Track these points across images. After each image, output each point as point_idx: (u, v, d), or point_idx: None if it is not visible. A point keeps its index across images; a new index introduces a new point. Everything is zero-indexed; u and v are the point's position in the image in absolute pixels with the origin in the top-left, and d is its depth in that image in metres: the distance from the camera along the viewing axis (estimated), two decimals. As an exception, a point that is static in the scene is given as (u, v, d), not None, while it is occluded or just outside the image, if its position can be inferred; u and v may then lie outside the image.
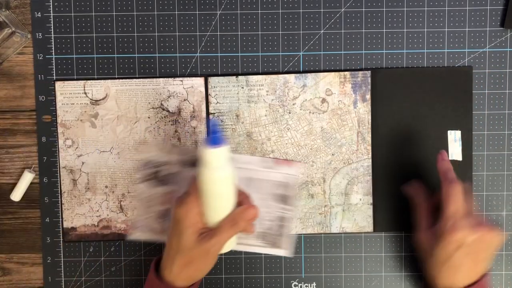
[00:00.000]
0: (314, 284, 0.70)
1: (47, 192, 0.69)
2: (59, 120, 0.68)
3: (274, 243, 0.68)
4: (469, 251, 0.58)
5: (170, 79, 0.68)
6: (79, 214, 0.69)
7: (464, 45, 0.68)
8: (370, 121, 0.68)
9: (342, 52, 0.68)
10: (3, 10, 0.65)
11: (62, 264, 0.69)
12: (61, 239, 0.69)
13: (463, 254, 0.58)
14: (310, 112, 0.68)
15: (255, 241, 0.68)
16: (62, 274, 0.69)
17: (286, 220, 0.68)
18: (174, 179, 0.68)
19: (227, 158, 0.56)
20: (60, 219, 0.69)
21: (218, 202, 0.58)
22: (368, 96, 0.68)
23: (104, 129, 0.68)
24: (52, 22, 0.68)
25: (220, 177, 0.56)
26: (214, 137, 0.55)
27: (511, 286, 0.70)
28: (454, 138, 0.68)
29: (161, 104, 0.68)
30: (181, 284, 0.59)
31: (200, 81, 0.68)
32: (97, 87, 0.68)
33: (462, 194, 0.60)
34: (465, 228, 0.58)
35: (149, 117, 0.68)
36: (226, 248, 0.61)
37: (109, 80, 0.68)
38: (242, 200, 0.60)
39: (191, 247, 0.57)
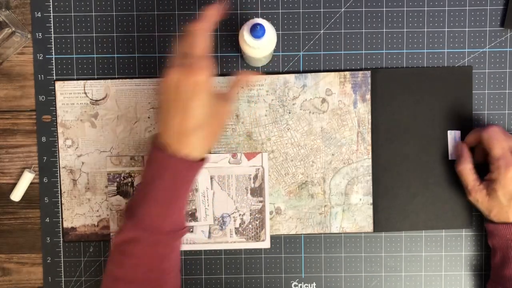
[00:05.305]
0: (314, 284, 0.70)
1: (47, 192, 0.69)
2: (59, 120, 0.68)
3: (254, 236, 0.68)
4: None
5: (170, 79, 0.68)
6: (79, 214, 0.69)
7: (464, 45, 0.68)
8: (370, 121, 0.68)
9: (342, 52, 0.68)
10: (3, 10, 0.65)
11: (62, 264, 0.69)
12: (61, 239, 0.69)
13: None
14: (310, 112, 0.68)
15: (236, 237, 0.68)
16: (62, 274, 0.69)
17: (263, 212, 0.68)
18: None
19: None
20: (60, 219, 0.69)
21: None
22: (368, 96, 0.68)
23: (104, 129, 0.68)
24: (52, 22, 0.68)
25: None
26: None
27: None
28: (454, 138, 0.68)
29: (161, 104, 0.68)
30: (197, 156, 0.57)
31: (200, 81, 0.68)
32: (97, 87, 0.68)
33: (503, 134, 0.62)
34: None
35: (149, 117, 0.68)
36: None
37: (109, 80, 0.68)
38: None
39: (210, 113, 0.55)
